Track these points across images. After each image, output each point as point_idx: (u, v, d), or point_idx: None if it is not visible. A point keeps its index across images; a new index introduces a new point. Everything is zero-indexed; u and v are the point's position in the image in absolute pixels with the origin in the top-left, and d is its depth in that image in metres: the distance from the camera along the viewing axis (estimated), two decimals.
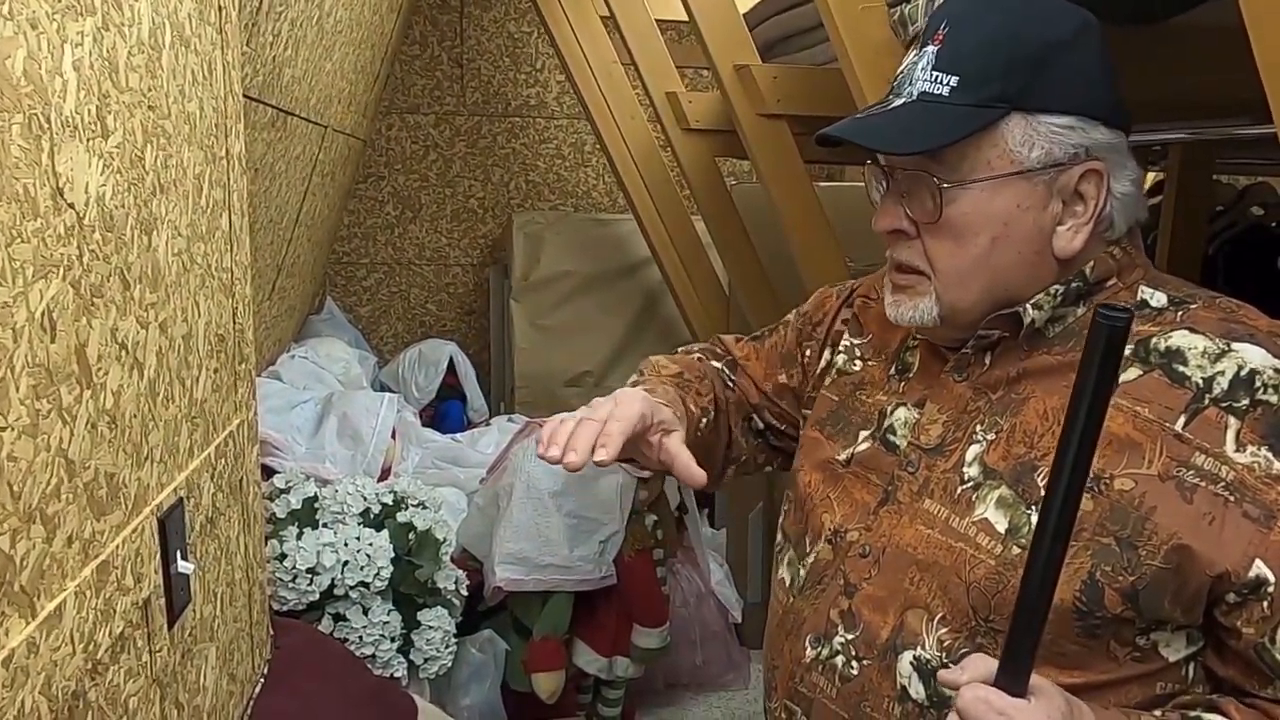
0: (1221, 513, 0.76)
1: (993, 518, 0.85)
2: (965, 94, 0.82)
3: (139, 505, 0.84)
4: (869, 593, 0.91)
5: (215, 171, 1.08)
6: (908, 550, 0.89)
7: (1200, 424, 0.78)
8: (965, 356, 0.93)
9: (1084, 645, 0.81)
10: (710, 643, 2.69)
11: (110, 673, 0.78)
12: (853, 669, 0.90)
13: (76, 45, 0.70)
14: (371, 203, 4.16)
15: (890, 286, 0.93)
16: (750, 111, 1.99)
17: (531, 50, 4.17)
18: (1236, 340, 0.80)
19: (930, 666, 0.85)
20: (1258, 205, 2.45)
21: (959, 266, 0.86)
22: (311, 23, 2.02)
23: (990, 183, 0.83)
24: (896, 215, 0.88)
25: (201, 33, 1.02)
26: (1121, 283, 0.88)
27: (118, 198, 0.78)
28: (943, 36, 0.85)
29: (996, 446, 0.87)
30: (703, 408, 1.10)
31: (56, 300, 0.67)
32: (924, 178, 0.85)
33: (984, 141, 0.83)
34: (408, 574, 1.94)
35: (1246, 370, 0.78)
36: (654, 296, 3.85)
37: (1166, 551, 0.77)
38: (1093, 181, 0.84)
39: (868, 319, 1.07)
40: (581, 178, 4.32)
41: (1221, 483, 0.76)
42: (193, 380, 1.00)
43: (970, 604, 0.84)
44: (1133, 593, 0.78)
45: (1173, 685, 0.82)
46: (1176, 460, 0.78)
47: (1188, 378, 0.80)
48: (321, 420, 2.60)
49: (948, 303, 0.87)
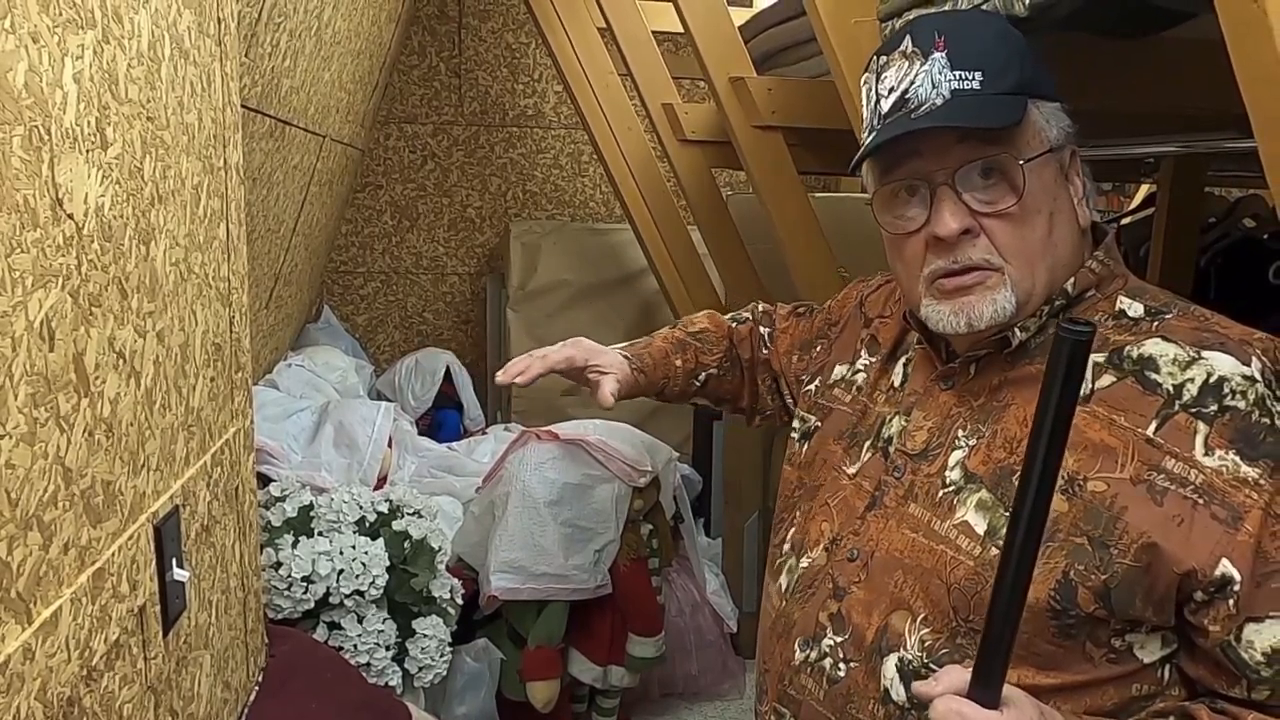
0: (1190, 515, 0.78)
1: (972, 520, 0.87)
2: (993, 85, 0.86)
3: (135, 513, 0.84)
4: (858, 596, 0.92)
5: (213, 182, 1.09)
6: (894, 554, 0.91)
7: (1170, 429, 0.80)
8: (953, 368, 0.95)
9: (1060, 646, 0.82)
10: (705, 652, 2.69)
11: (105, 679, 0.78)
12: (840, 671, 0.91)
13: (77, 58, 0.71)
14: (369, 212, 4.17)
15: (939, 297, 0.90)
16: (745, 123, 2.00)
17: (529, 61, 4.19)
18: (1207, 348, 0.82)
19: (911, 668, 0.87)
20: (1250, 217, 2.46)
21: (1029, 249, 0.87)
22: (310, 33, 2.03)
23: (1039, 160, 0.87)
24: (962, 214, 0.87)
25: (200, 44, 1.03)
26: (1101, 294, 0.91)
27: (116, 208, 0.79)
28: (943, 42, 0.87)
29: (978, 451, 0.89)
30: (697, 364, 1.41)
31: (55, 310, 0.68)
32: (1002, 161, 0.86)
33: (1023, 124, 0.87)
34: (403, 582, 1.94)
35: (1215, 377, 0.80)
36: (650, 306, 3.86)
37: (1136, 550, 0.79)
38: (1076, 161, 0.91)
39: (884, 336, 1.09)
40: (578, 188, 4.33)
41: (1190, 486, 0.78)
42: (189, 389, 1.00)
43: (951, 604, 0.85)
44: (1105, 591, 0.79)
45: (1148, 687, 0.83)
46: (1148, 464, 0.80)
47: (1159, 384, 0.82)
48: (318, 429, 2.60)
49: (1023, 290, 0.88)
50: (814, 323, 1.28)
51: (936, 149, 0.87)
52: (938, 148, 0.87)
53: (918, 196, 0.90)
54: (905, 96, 0.88)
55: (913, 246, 0.91)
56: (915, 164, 0.89)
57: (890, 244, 0.95)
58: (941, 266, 0.89)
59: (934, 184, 0.88)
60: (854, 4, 1.40)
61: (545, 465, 2.24)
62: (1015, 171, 0.86)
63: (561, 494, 2.20)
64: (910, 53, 0.89)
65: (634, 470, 2.26)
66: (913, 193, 0.90)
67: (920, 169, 0.89)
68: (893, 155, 0.90)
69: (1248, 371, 0.79)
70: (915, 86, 0.87)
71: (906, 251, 0.92)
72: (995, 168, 0.86)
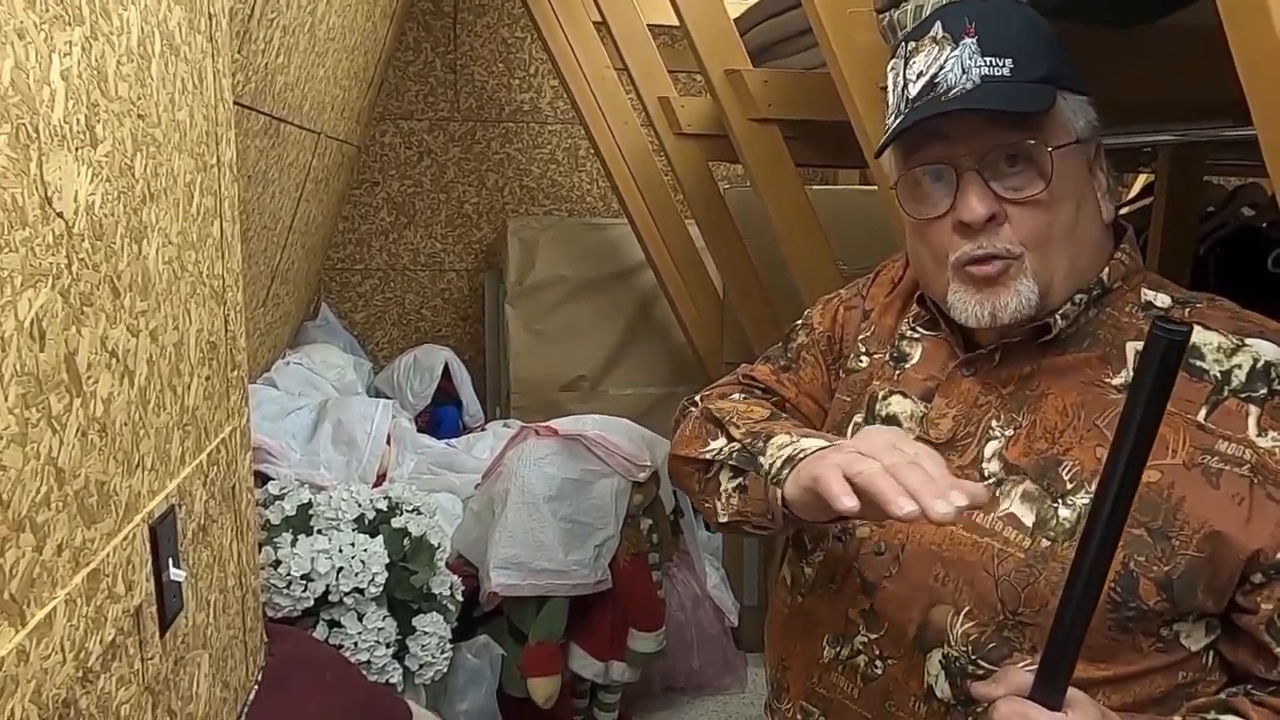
0: (1248, 494, 0.78)
1: (1019, 512, 0.86)
2: (1023, 74, 0.85)
3: (130, 513, 0.84)
4: (891, 591, 0.91)
5: (206, 179, 1.08)
6: (930, 547, 0.89)
7: (1221, 414, 0.81)
8: (979, 354, 0.93)
9: (1114, 639, 0.81)
10: (707, 646, 2.69)
11: (101, 681, 0.78)
12: (876, 668, 0.90)
13: (65, 55, 0.70)
14: (366, 208, 4.16)
15: (967, 287, 0.89)
16: (742, 116, 1.99)
17: (525, 56, 4.17)
18: (1249, 336, 0.83)
19: (958, 665, 0.86)
20: (1248, 206, 2.46)
21: (1053, 238, 0.87)
22: (304, 30, 2.02)
23: (1067, 150, 0.87)
24: (989, 200, 0.86)
25: (191, 41, 1.02)
26: (1127, 285, 0.91)
27: (107, 206, 0.78)
28: (974, 29, 0.86)
29: (1016, 442, 0.88)
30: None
31: (45, 309, 0.67)
32: (1031, 149, 0.85)
33: (1052, 113, 0.86)
34: (403, 580, 1.94)
35: (1262, 363, 0.81)
36: (649, 300, 3.85)
37: (1199, 540, 0.79)
38: (1100, 156, 0.91)
39: (876, 312, 1.07)
40: (576, 183, 4.33)
41: (1246, 465, 0.79)
42: (184, 388, 1.00)
43: (999, 597, 0.84)
44: (1168, 582, 0.79)
45: (1193, 674, 0.83)
46: (1200, 449, 0.80)
47: (1206, 371, 0.83)
48: (316, 426, 2.60)
49: (1042, 279, 0.87)
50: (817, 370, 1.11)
51: (964, 134, 0.86)
52: (965, 133, 0.86)
53: (943, 181, 0.89)
54: (934, 81, 0.87)
55: (938, 232, 0.90)
56: (942, 148, 0.88)
57: (913, 230, 0.94)
58: (968, 252, 0.88)
59: (961, 169, 0.87)
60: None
61: (544, 461, 2.23)
62: (1044, 159, 0.85)
63: (561, 489, 2.20)
64: (940, 38, 0.88)
65: (633, 465, 2.26)
66: (938, 178, 0.89)
67: (947, 153, 0.88)
68: (919, 140, 0.89)
69: None
70: (945, 71, 0.86)
71: (932, 238, 0.91)
72: (1022, 155, 0.86)
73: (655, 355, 3.91)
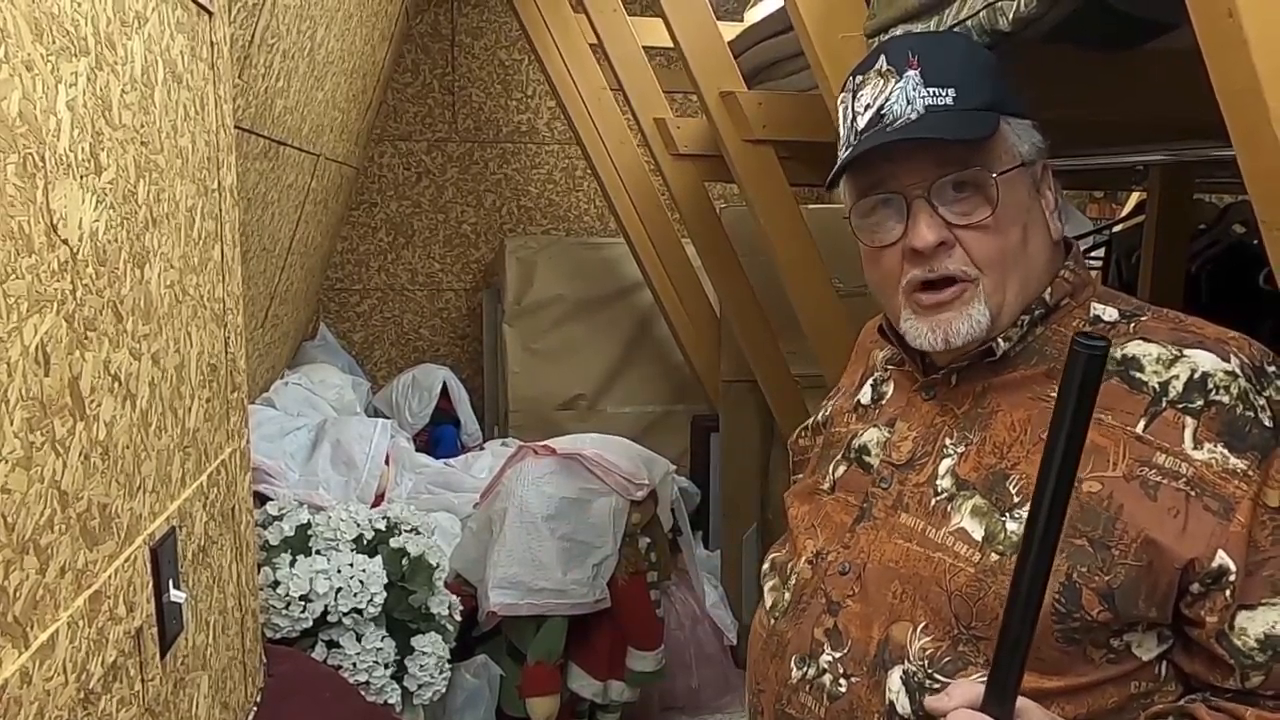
0: (1184, 506, 0.79)
1: (969, 526, 0.87)
2: (966, 102, 0.88)
3: (131, 535, 0.85)
4: (854, 609, 0.92)
5: (207, 204, 1.09)
6: (889, 565, 0.91)
7: (1160, 425, 0.82)
8: (935, 379, 0.96)
9: (1064, 650, 0.82)
10: (706, 665, 2.68)
11: (103, 702, 0.78)
12: (840, 687, 0.91)
13: (70, 85, 0.71)
14: (364, 229, 4.18)
15: (918, 312, 0.92)
16: (736, 137, 2.01)
17: (522, 77, 4.20)
18: (1187, 347, 0.84)
19: (916, 680, 0.87)
20: (1240, 223, 2.48)
21: (1004, 260, 0.89)
22: (303, 54, 2.04)
23: (1012, 174, 0.89)
24: (938, 226, 0.89)
25: (193, 69, 1.04)
26: (1075, 301, 0.93)
27: (110, 232, 0.79)
28: (917, 60, 0.89)
29: (967, 459, 0.90)
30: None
31: (50, 334, 0.68)
32: (975, 175, 0.88)
33: (995, 139, 0.89)
34: (401, 600, 1.94)
35: (1199, 373, 0.82)
36: (646, 319, 3.86)
37: (1136, 549, 0.80)
38: (1048, 175, 0.93)
39: (847, 375, 1.12)
40: (573, 202, 4.35)
41: (1182, 479, 0.80)
42: (185, 410, 1.01)
43: (952, 612, 0.86)
44: (1109, 592, 0.80)
45: (1146, 684, 0.84)
46: (1139, 460, 0.82)
47: (1144, 383, 0.84)
48: (315, 447, 2.60)
49: (995, 302, 0.89)
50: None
51: (912, 163, 0.89)
52: (913, 162, 0.89)
53: (894, 210, 0.91)
54: (881, 112, 0.90)
55: (890, 259, 0.93)
56: (891, 178, 0.91)
57: (868, 257, 0.97)
58: (919, 276, 0.91)
59: (910, 197, 0.90)
60: (841, 20, 1.41)
61: (542, 480, 2.24)
62: (989, 185, 0.88)
63: (559, 508, 2.20)
64: (885, 71, 0.91)
65: (631, 484, 2.26)
66: (889, 206, 0.92)
67: (896, 183, 0.91)
68: (869, 170, 0.92)
69: (1229, 367, 0.82)
70: (890, 103, 0.89)
71: (884, 264, 0.94)
72: (969, 181, 0.88)
73: (652, 374, 3.92)
